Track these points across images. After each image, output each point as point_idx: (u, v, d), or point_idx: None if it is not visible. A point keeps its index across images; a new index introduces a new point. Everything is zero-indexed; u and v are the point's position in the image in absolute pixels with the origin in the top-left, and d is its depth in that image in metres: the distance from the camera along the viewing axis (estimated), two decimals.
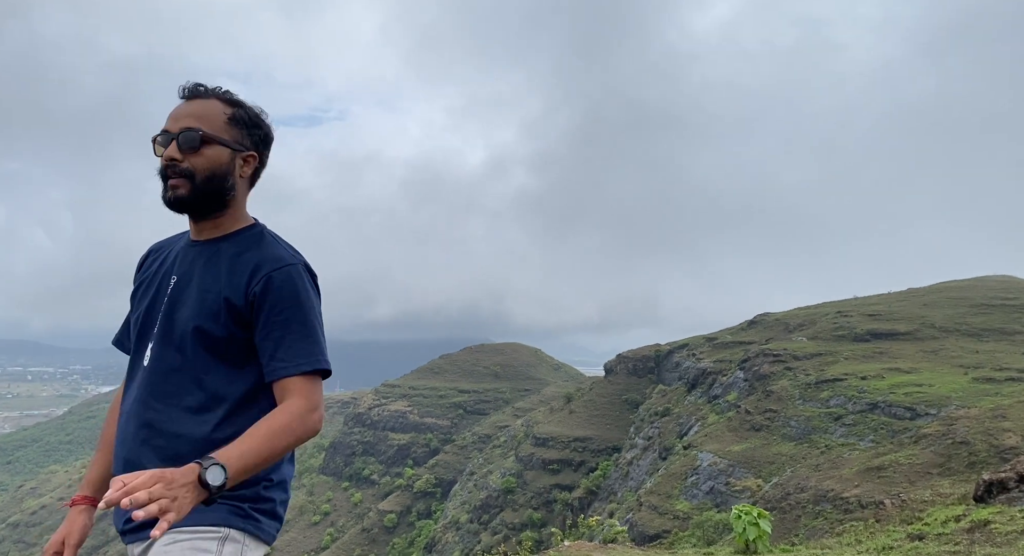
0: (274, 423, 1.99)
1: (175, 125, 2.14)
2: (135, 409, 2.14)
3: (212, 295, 2.13)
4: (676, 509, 38.63)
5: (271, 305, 2.11)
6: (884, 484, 23.77)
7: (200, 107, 2.17)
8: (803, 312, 64.47)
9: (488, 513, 69.70)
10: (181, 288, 2.19)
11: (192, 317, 2.13)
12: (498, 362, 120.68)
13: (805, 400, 41.24)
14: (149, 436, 2.10)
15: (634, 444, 60.62)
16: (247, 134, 2.24)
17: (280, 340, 2.10)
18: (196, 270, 2.20)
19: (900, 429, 33.18)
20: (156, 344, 2.16)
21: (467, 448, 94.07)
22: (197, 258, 2.22)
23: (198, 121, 2.14)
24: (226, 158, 2.18)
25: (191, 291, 2.17)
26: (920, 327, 49.03)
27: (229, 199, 2.22)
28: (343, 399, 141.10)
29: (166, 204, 2.15)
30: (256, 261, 2.16)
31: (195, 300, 2.15)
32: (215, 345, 2.12)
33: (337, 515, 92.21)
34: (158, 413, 2.11)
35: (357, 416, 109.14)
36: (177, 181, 2.13)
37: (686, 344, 72.78)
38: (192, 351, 2.11)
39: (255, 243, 2.22)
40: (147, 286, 2.28)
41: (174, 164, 2.12)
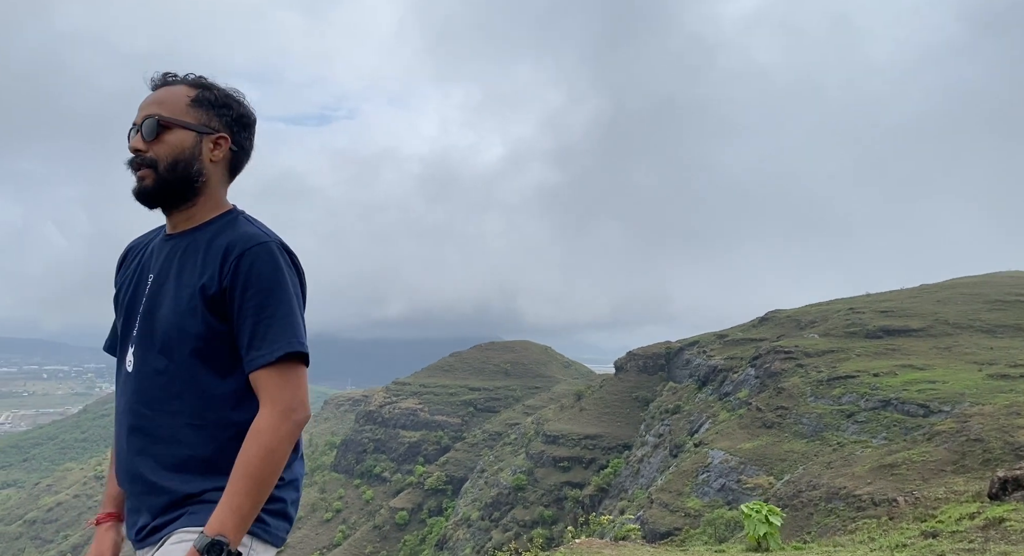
0: (252, 457, 1.89)
1: (139, 115, 2.08)
2: (125, 418, 2.06)
3: (188, 289, 2.03)
4: (687, 506, 38.56)
5: (243, 288, 1.98)
6: (897, 482, 23.62)
7: (163, 93, 2.10)
8: (814, 309, 64.10)
9: (499, 510, 69.81)
10: (159, 285, 2.08)
11: (171, 315, 2.02)
12: (508, 360, 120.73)
13: (817, 397, 41.02)
14: (145, 444, 2.02)
15: (645, 442, 60.52)
16: (215, 114, 2.11)
17: (255, 327, 1.98)
18: (173, 265, 2.09)
19: (913, 426, 32.95)
20: (138, 347, 2.06)
21: (478, 446, 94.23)
22: (172, 252, 2.11)
23: (158, 107, 2.06)
24: (190, 142, 2.06)
25: (168, 288, 2.06)
26: (933, 323, 48.63)
27: (199, 186, 2.09)
28: (354, 397, 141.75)
29: (135, 197, 2.07)
30: (227, 243, 2.03)
31: (172, 297, 2.04)
32: (197, 343, 2.00)
33: (349, 512, 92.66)
34: (149, 420, 2.02)
35: (368, 414, 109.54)
36: (143, 172, 2.05)
37: (697, 341, 72.54)
38: (176, 351, 2.01)
39: (229, 227, 2.10)
40: (127, 287, 2.19)
41: (138, 154, 2.04)
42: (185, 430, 1.99)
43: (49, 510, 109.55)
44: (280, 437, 1.93)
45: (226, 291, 1.99)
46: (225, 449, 1.98)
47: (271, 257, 2.01)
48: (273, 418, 1.93)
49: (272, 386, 1.96)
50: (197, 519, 1.93)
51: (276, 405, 1.95)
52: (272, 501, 2.02)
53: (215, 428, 2.00)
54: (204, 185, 2.11)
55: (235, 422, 2.00)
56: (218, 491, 1.94)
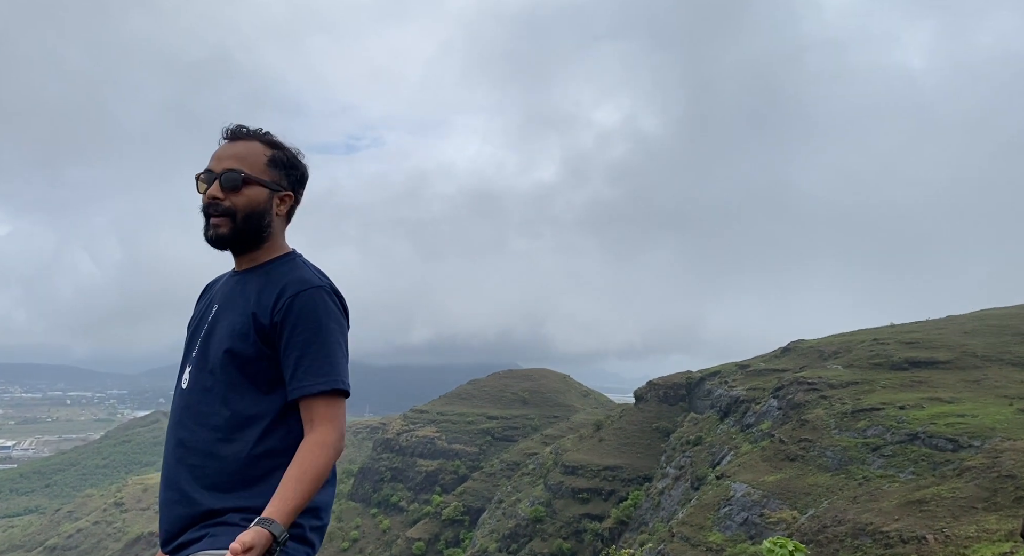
0: (315, 460, 2.10)
1: (218, 165, 2.32)
2: (173, 430, 2.29)
3: (243, 316, 2.30)
4: (709, 540, 37.80)
5: (292, 325, 2.24)
6: (926, 518, 23.03)
7: (243, 149, 2.35)
8: (838, 339, 63.22)
9: (517, 542, 68.81)
10: (220, 315, 2.36)
11: (225, 339, 2.29)
12: (526, 388, 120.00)
13: (841, 430, 40.27)
14: (184, 455, 2.23)
15: (665, 473, 59.58)
16: (285, 175, 2.41)
17: (300, 359, 2.22)
18: (235, 297, 2.37)
19: (942, 461, 32.17)
20: (193, 367, 2.33)
21: (495, 475, 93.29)
22: (236, 286, 2.40)
23: (240, 162, 2.31)
24: (265, 198, 2.35)
25: (227, 316, 2.34)
26: (961, 355, 47.71)
27: (266, 235, 2.40)
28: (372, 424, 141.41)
29: (208, 241, 2.32)
30: (283, 283, 2.32)
31: (228, 323, 2.31)
32: (244, 365, 2.25)
33: (366, 542, 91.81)
34: (191, 433, 2.24)
35: (386, 441, 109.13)
36: (219, 220, 2.30)
37: (718, 371, 71.74)
38: (222, 371, 2.25)
39: (285, 268, 2.39)
40: (196, 317, 2.49)
41: (216, 203, 2.29)
42: (220, 445, 2.19)
43: (69, 537, 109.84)
44: (337, 454, 2.18)
45: (276, 325, 2.27)
46: (251, 469, 2.16)
47: (322, 300, 2.30)
48: (334, 436, 2.17)
49: (328, 411, 2.21)
50: (219, 542, 2.07)
51: (335, 425, 2.20)
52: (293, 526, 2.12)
53: (248, 447, 2.19)
54: (270, 234, 2.42)
55: (269, 442, 2.21)
56: (239, 512, 2.11)
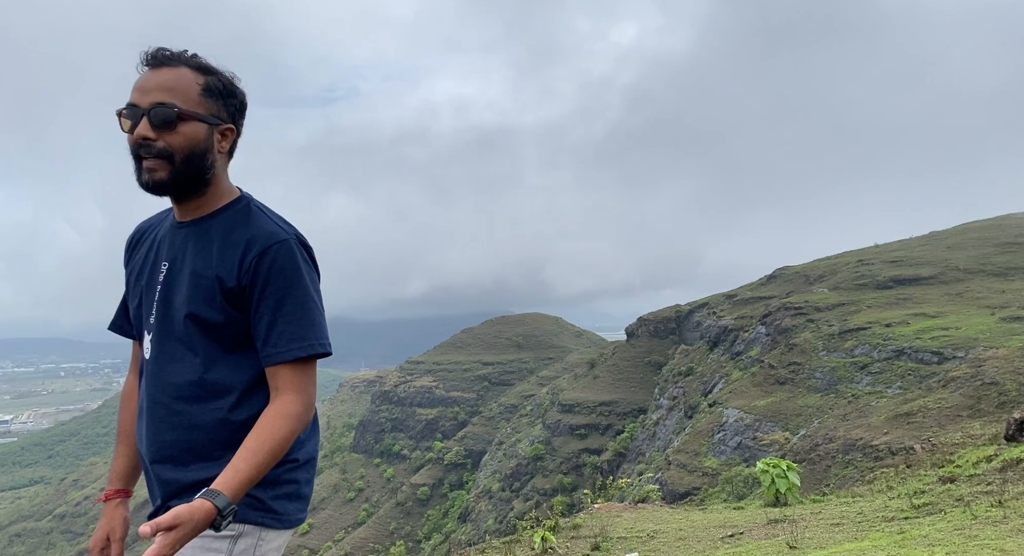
0: (275, 432, 1.89)
1: (144, 98, 1.92)
2: (146, 405, 2.07)
3: (205, 279, 1.99)
4: (705, 466, 38.87)
5: (263, 285, 1.97)
6: (914, 429, 23.66)
7: (170, 77, 1.94)
8: (823, 263, 63.80)
9: (519, 481, 70.69)
10: (174, 274, 2.05)
11: (186, 303, 1.99)
12: (520, 333, 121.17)
13: (829, 351, 41.01)
14: (161, 430, 2.02)
15: (659, 405, 60.88)
16: (223, 105, 2.02)
17: (272, 323, 1.97)
18: (187, 254, 2.05)
19: (928, 374, 32.93)
20: (156, 334, 2.05)
21: (494, 419, 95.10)
22: (186, 241, 2.06)
23: (170, 94, 1.92)
24: (204, 134, 1.97)
25: (183, 276, 2.03)
26: (944, 270, 48.33)
27: (210, 178, 2.03)
28: (368, 378, 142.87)
29: (144, 187, 1.96)
30: (247, 238, 2.00)
31: (188, 285, 2.01)
32: (214, 331, 1.99)
33: (371, 491, 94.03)
34: (165, 407, 2.02)
35: (384, 394, 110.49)
36: (153, 163, 1.92)
37: (706, 303, 72.52)
38: (188, 338, 2.00)
39: (244, 219, 2.05)
40: (139, 273, 2.15)
41: (148, 143, 1.91)
42: (201, 415, 2.00)
43: (77, 504, 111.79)
44: (303, 425, 1.97)
45: (245, 288, 1.98)
46: (228, 439, 1.98)
47: (291, 255, 2.00)
48: (301, 407, 1.96)
49: (298, 380, 1.98)
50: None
51: (302, 396, 1.98)
52: (283, 484, 2.04)
53: (226, 414, 2.00)
54: (213, 175, 2.06)
55: (249, 407, 2.02)
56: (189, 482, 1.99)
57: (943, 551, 4.07)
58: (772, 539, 5.97)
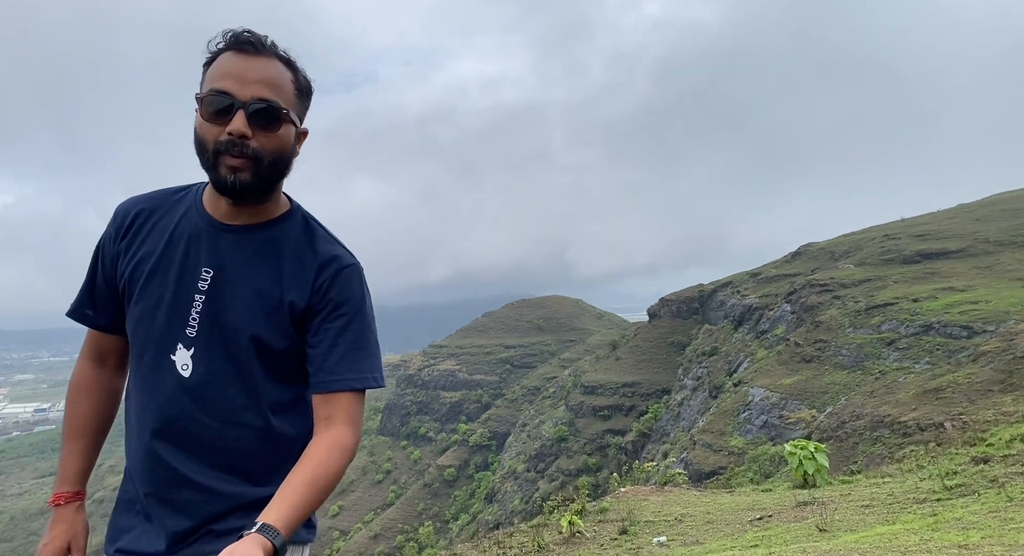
0: (330, 465, 1.74)
1: (244, 90, 1.65)
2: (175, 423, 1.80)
3: (274, 300, 1.80)
4: (730, 445, 38.77)
5: (331, 309, 1.83)
6: (943, 405, 23.35)
7: (273, 71, 1.71)
8: (848, 239, 62.81)
9: (544, 462, 71.13)
10: (224, 286, 1.79)
11: (250, 324, 1.79)
12: (541, 315, 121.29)
13: (856, 327, 40.49)
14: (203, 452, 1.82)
15: (683, 385, 60.70)
16: (305, 107, 1.83)
17: (332, 348, 1.83)
18: (243, 265, 1.80)
19: (957, 349, 32.39)
20: (200, 352, 1.79)
21: (517, 401, 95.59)
22: (238, 248, 1.81)
23: (275, 92, 1.70)
24: (292, 139, 1.77)
25: (241, 291, 1.79)
26: (973, 243, 47.33)
27: (281, 183, 1.85)
28: (393, 362, 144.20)
29: (222, 187, 1.71)
30: (319, 261, 1.84)
31: (250, 304, 1.79)
32: (273, 356, 1.82)
33: (399, 473, 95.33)
34: (213, 431, 1.81)
35: (408, 377, 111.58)
36: (240, 162, 1.68)
37: (729, 282, 71.89)
38: (249, 363, 1.81)
39: (309, 237, 1.88)
40: (155, 268, 1.82)
41: (242, 142, 1.67)
42: (251, 441, 1.85)
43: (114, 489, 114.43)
44: (352, 458, 1.86)
45: (311, 308, 1.83)
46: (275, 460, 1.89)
47: (360, 282, 1.88)
48: (354, 440, 1.84)
49: (353, 410, 1.85)
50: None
51: (356, 429, 1.85)
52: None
53: (274, 439, 1.89)
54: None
55: (286, 434, 1.90)
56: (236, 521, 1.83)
57: (978, 535, 4.01)
58: (801, 522, 5.93)
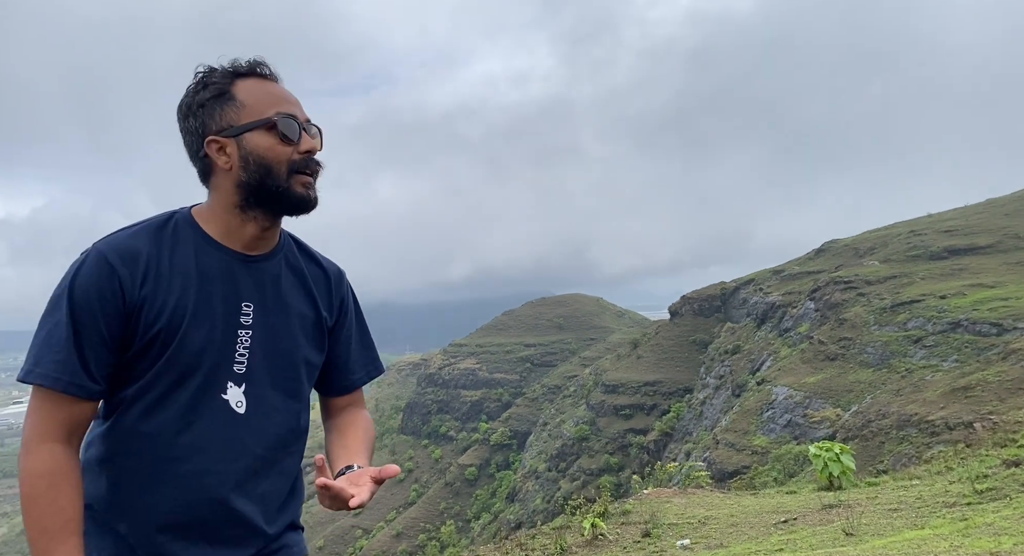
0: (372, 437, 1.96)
1: (302, 113, 1.76)
2: (236, 463, 1.74)
3: (308, 321, 1.86)
4: (754, 444, 38.41)
5: (347, 314, 1.96)
6: (972, 404, 22.93)
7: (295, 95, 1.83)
8: (873, 235, 61.91)
9: (565, 461, 71.03)
10: (267, 316, 1.78)
11: (300, 349, 1.83)
12: (560, 314, 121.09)
13: (881, 325, 39.90)
14: (257, 486, 1.82)
15: (706, 384, 60.26)
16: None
17: (351, 350, 1.99)
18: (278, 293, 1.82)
19: (986, 346, 31.77)
20: (251, 386, 1.76)
21: (538, 400, 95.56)
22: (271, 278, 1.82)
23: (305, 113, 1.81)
24: None
25: (287, 319, 1.81)
26: (1002, 239, 46.38)
27: None
28: (414, 361, 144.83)
29: (304, 205, 1.73)
30: (331, 275, 1.94)
31: (297, 329, 1.83)
32: (313, 374, 1.90)
33: (420, 472, 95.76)
34: (267, 463, 1.82)
35: (429, 376, 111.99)
36: (311, 179, 1.76)
37: (752, 279, 71.23)
38: (298, 386, 1.86)
39: (305, 252, 1.95)
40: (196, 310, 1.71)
41: (318, 160, 1.78)
42: (291, 464, 1.89)
43: None
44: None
45: (336, 320, 1.96)
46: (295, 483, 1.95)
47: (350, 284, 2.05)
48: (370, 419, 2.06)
49: (362, 394, 2.07)
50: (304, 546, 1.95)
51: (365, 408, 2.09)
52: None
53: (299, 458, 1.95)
54: None
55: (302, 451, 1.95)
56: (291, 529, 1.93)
57: (1010, 541, 3.93)
58: (827, 525, 5.86)
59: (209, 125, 1.68)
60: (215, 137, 1.67)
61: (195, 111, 1.69)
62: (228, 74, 1.70)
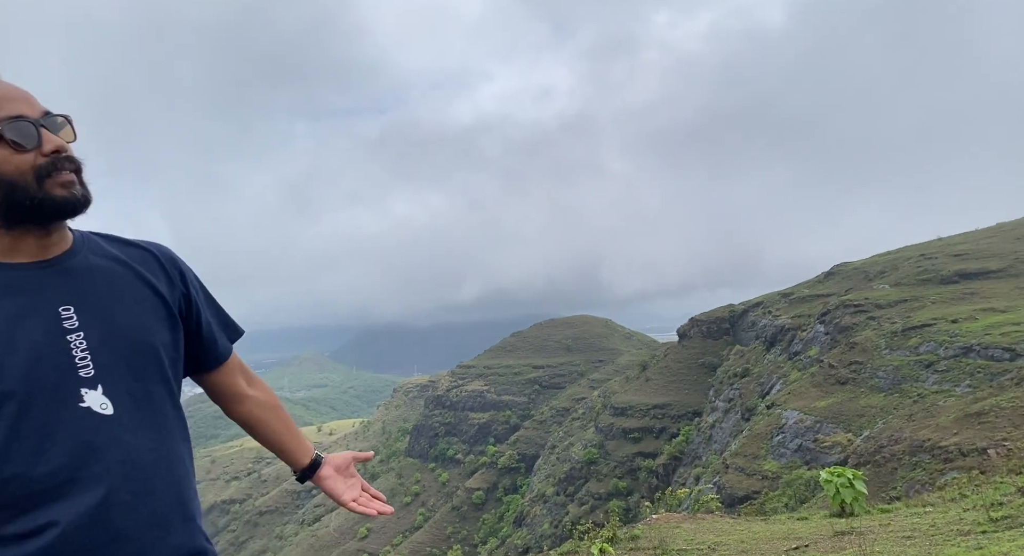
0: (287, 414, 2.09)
1: (35, 109, 1.57)
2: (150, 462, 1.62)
3: (148, 303, 1.73)
4: (764, 469, 37.92)
5: (188, 286, 1.85)
6: (986, 430, 22.59)
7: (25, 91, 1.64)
8: (883, 259, 61.65)
9: (573, 485, 70.30)
10: (98, 313, 1.64)
11: (148, 332, 1.70)
12: (569, 335, 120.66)
13: (892, 349, 39.53)
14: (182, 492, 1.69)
15: (715, 407, 59.72)
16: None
17: (218, 314, 1.95)
18: (101, 286, 1.68)
19: (999, 371, 31.38)
20: (110, 384, 1.60)
21: (546, 422, 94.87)
22: (83, 276, 1.67)
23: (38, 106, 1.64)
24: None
25: (122, 309, 1.68)
26: (1014, 263, 46.08)
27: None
28: (421, 383, 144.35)
29: (70, 207, 1.58)
30: (150, 254, 1.81)
31: (137, 316, 1.69)
32: (178, 357, 1.78)
33: (427, 495, 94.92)
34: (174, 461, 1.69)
35: (436, 398, 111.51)
36: (75, 177, 1.59)
37: (760, 302, 70.90)
38: (163, 374, 1.72)
39: (119, 240, 1.81)
40: (23, 335, 1.54)
41: (71, 155, 1.60)
42: (185, 472, 1.72)
43: None
44: None
45: (183, 294, 1.83)
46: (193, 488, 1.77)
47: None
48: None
49: (242, 361, 2.04)
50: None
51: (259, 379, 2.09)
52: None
53: (189, 460, 1.77)
54: None
55: (188, 447, 1.79)
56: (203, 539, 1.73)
57: None
58: (839, 552, 5.78)
59: None
60: None
61: None
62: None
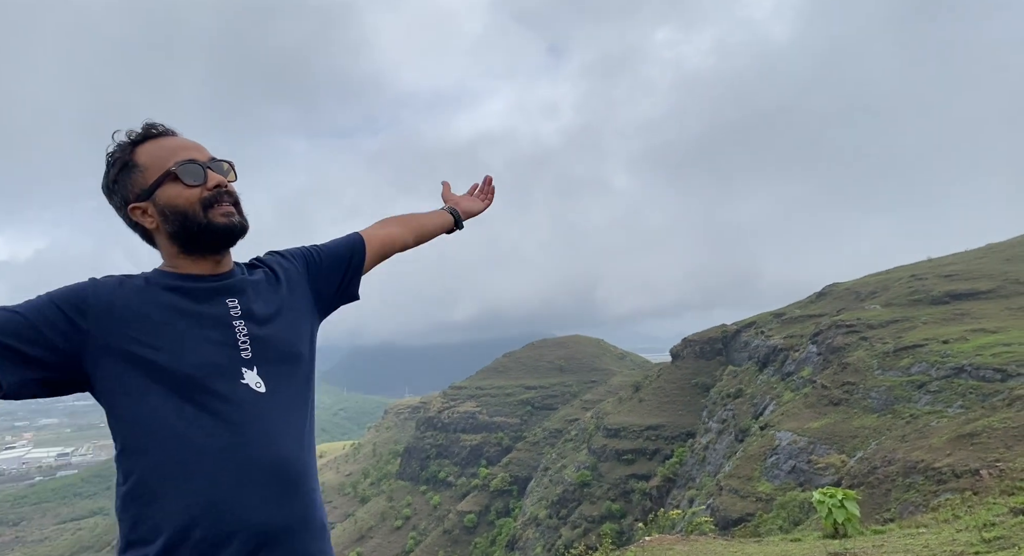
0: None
1: (205, 153, 1.93)
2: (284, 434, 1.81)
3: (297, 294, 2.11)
4: (758, 491, 37.73)
5: (302, 254, 2.22)
6: (979, 451, 22.59)
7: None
8: (874, 279, 62.01)
9: (566, 508, 69.66)
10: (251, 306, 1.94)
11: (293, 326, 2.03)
12: (561, 356, 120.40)
13: (884, 370, 39.62)
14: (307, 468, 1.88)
15: (708, 428, 59.54)
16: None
17: (325, 245, 2.30)
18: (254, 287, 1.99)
19: (991, 392, 31.48)
20: (266, 366, 1.87)
21: (539, 444, 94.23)
22: (244, 282, 1.98)
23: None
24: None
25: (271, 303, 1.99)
26: (1004, 284, 46.44)
27: None
28: (413, 404, 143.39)
29: (228, 233, 1.88)
30: (280, 255, 2.19)
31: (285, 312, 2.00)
32: (313, 344, 2.08)
33: (418, 518, 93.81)
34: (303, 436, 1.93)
35: (428, 420, 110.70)
36: (233, 209, 1.92)
37: (753, 322, 71.05)
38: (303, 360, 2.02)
39: (258, 259, 2.20)
40: (181, 336, 1.80)
41: (231, 192, 1.94)
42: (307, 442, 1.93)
43: None
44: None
45: (311, 265, 2.19)
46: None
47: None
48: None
49: (374, 231, 2.51)
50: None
51: (387, 220, 2.64)
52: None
53: (311, 435, 2.00)
54: None
55: (312, 424, 2.05)
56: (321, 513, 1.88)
57: None
58: None
59: (127, 196, 1.87)
60: (134, 204, 1.86)
61: (113, 189, 1.89)
62: (127, 146, 1.88)
